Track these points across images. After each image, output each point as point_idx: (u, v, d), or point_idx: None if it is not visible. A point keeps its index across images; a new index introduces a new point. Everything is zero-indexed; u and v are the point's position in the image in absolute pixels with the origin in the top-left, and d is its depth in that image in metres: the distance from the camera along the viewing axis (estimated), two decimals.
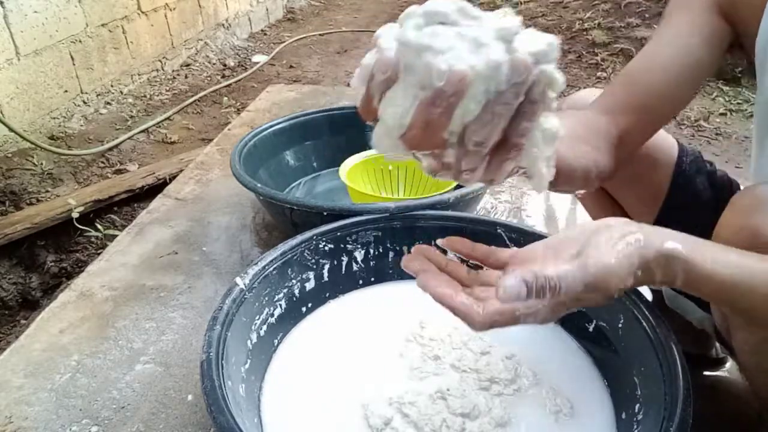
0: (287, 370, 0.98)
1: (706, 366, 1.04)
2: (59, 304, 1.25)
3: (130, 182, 2.14)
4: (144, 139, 2.68)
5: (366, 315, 1.10)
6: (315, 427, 0.87)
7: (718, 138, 2.04)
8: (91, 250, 1.98)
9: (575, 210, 1.56)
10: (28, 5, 2.35)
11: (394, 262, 1.17)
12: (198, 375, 0.85)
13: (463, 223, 1.15)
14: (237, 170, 1.36)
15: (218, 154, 1.93)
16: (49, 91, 2.52)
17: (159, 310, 1.23)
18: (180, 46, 3.47)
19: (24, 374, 1.07)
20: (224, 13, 3.96)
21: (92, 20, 2.73)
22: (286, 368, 0.99)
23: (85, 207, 1.97)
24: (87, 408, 1.00)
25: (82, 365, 1.09)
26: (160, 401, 1.01)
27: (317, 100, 2.36)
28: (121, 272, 1.35)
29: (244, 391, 0.88)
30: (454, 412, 0.84)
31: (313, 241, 1.08)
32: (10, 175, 2.20)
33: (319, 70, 3.62)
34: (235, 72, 3.56)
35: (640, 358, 0.86)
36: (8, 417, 0.98)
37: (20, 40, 2.33)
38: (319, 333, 1.06)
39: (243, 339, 0.93)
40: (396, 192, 1.64)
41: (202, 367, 0.79)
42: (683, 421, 0.69)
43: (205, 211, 1.60)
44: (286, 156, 1.70)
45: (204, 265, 1.37)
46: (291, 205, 1.25)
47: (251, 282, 0.96)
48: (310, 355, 1.01)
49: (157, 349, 1.13)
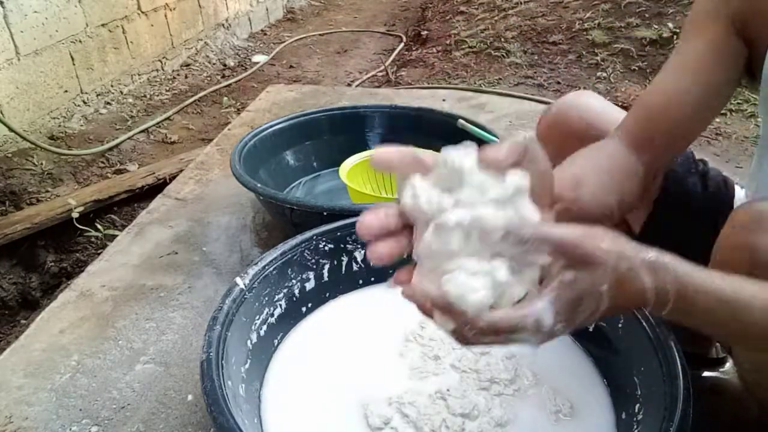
0: (287, 370, 0.98)
1: (706, 366, 1.04)
2: (59, 304, 1.25)
3: (130, 182, 2.14)
4: (144, 139, 2.68)
5: (366, 315, 1.10)
6: (315, 426, 0.87)
7: (718, 138, 2.04)
8: (91, 250, 1.98)
9: None
10: (28, 5, 2.35)
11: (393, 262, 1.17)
12: (198, 375, 0.85)
13: None
14: (237, 170, 1.36)
15: (218, 154, 1.93)
16: (49, 91, 2.52)
17: (159, 310, 1.23)
18: (180, 46, 3.47)
19: (24, 374, 1.07)
20: (224, 13, 3.96)
21: (92, 20, 2.73)
22: (286, 368, 0.99)
23: (85, 207, 1.97)
24: (87, 408, 1.00)
25: (82, 365, 1.09)
26: (160, 401, 1.01)
27: (317, 100, 2.36)
28: (121, 272, 1.35)
29: (244, 391, 0.88)
30: (454, 413, 0.84)
31: (313, 241, 1.08)
32: (10, 175, 2.20)
33: (319, 70, 3.62)
34: (235, 72, 3.56)
35: (640, 358, 0.86)
36: (8, 417, 0.98)
37: (20, 40, 2.33)
38: (319, 333, 1.06)
39: (243, 339, 0.93)
40: (396, 192, 1.64)
41: (202, 367, 0.79)
42: (683, 421, 0.69)
43: (205, 211, 1.60)
44: (286, 156, 1.70)
45: (204, 265, 1.37)
46: (291, 205, 1.25)
47: (251, 282, 0.96)
48: (310, 355, 1.01)
49: (157, 349, 1.13)
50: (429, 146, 1.60)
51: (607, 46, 2.78)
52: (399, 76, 3.04)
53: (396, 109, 1.78)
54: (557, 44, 2.93)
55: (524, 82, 2.62)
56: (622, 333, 0.94)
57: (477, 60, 2.95)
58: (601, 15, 3.00)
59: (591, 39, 2.86)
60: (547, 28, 3.09)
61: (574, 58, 2.79)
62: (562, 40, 2.96)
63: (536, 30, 3.09)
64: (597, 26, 2.94)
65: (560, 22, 3.11)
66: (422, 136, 1.71)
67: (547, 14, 3.24)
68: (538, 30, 3.09)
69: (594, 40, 2.84)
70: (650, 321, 0.86)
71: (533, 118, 2.11)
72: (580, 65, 2.73)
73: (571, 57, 2.81)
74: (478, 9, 3.67)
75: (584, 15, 3.07)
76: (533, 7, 3.37)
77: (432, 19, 4.04)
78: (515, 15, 3.33)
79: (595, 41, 2.84)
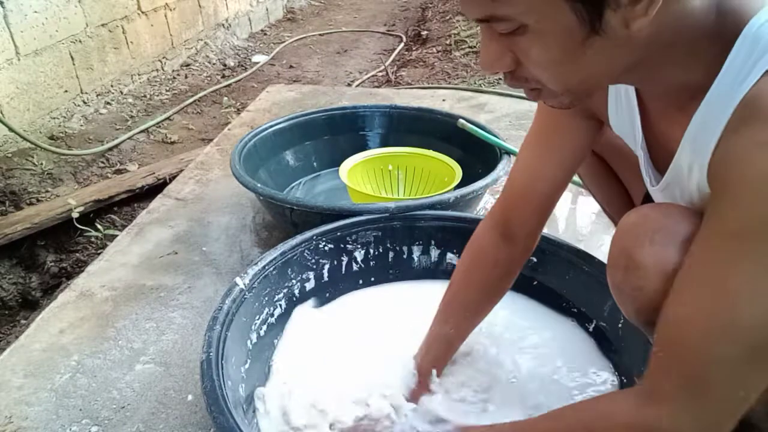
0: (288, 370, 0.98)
1: None
2: (59, 304, 1.25)
3: (130, 182, 2.14)
4: (144, 139, 2.67)
5: (366, 315, 1.10)
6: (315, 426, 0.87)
7: None
8: (91, 250, 1.98)
9: (575, 210, 1.56)
10: (28, 5, 2.35)
11: (394, 262, 1.18)
12: (198, 375, 0.85)
13: (463, 223, 1.15)
14: (237, 170, 1.36)
15: (218, 154, 1.93)
16: (49, 91, 2.52)
17: (159, 310, 1.23)
18: (180, 46, 3.46)
19: (24, 374, 1.07)
20: (224, 13, 3.96)
21: (92, 20, 2.73)
22: (287, 368, 0.99)
23: (85, 207, 1.97)
24: (87, 408, 1.00)
25: (82, 365, 1.09)
26: (160, 401, 1.01)
27: (317, 100, 2.36)
28: (121, 272, 1.35)
29: (244, 391, 0.88)
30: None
31: (313, 241, 1.08)
32: (10, 175, 2.19)
33: (319, 70, 3.62)
34: (235, 72, 3.56)
35: (640, 358, 0.86)
36: (8, 417, 0.98)
37: (20, 40, 2.33)
38: (319, 333, 1.06)
39: (243, 339, 0.93)
40: (396, 192, 1.64)
41: (202, 367, 0.79)
42: None
43: (205, 211, 1.60)
44: (286, 156, 1.70)
45: (204, 265, 1.37)
46: (291, 205, 1.25)
47: (251, 282, 0.96)
48: (310, 355, 1.01)
49: (157, 349, 1.13)
50: (429, 146, 1.62)
51: None
52: (399, 76, 3.04)
53: (396, 109, 1.78)
54: None
55: None
56: (622, 333, 0.94)
57: (477, 60, 2.95)
58: None
59: None
60: None
61: None
62: None
63: None
64: None
65: None
66: (422, 136, 1.72)
67: None
68: None
69: None
70: None
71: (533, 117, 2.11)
72: None
73: None
74: None
75: None
76: None
77: (432, 19, 4.04)
78: None
79: None
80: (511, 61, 0.58)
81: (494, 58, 0.58)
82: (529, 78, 0.59)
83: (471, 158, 1.59)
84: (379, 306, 1.12)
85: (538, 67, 0.56)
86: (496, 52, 0.57)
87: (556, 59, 0.55)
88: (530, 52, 0.55)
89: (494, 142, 1.50)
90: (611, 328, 0.98)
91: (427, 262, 1.18)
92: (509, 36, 0.55)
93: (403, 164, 1.63)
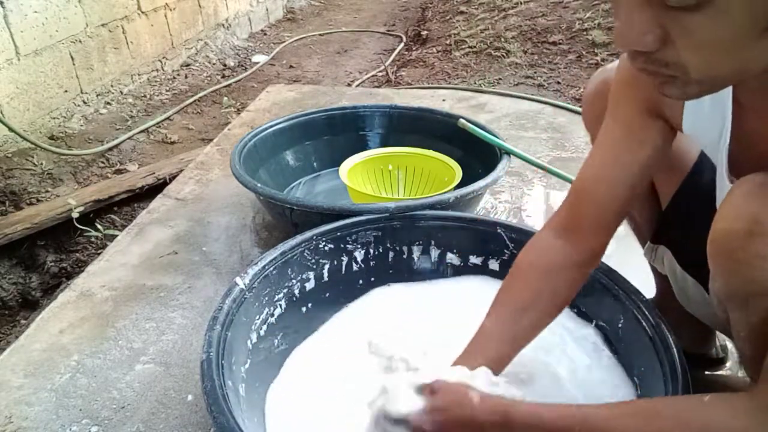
0: (288, 370, 0.98)
1: (706, 366, 1.04)
2: (59, 304, 1.25)
3: (130, 182, 2.14)
4: (144, 139, 2.67)
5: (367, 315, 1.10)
6: (316, 426, 0.87)
7: None
8: (91, 250, 1.98)
9: None
10: (28, 5, 2.35)
11: (394, 262, 1.17)
12: (198, 375, 0.85)
13: (463, 223, 1.15)
14: (237, 170, 1.36)
15: (218, 154, 1.93)
16: (49, 91, 2.52)
17: (159, 310, 1.23)
18: (180, 46, 3.46)
19: (24, 374, 1.07)
20: (224, 13, 3.96)
21: (92, 20, 2.73)
22: (287, 368, 0.99)
23: (85, 207, 1.97)
24: (87, 408, 1.00)
25: (82, 365, 1.09)
26: (160, 401, 1.01)
27: (317, 100, 2.36)
28: (121, 272, 1.35)
29: (244, 391, 0.88)
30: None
31: (313, 241, 1.08)
32: (10, 175, 2.19)
33: (319, 70, 3.62)
34: (235, 72, 3.56)
35: (640, 358, 0.87)
36: (8, 417, 0.98)
37: (20, 40, 2.33)
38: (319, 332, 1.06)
39: (243, 339, 0.93)
40: (396, 192, 1.64)
41: (202, 367, 0.79)
42: None
43: (205, 211, 1.60)
44: (286, 156, 1.70)
45: (204, 265, 1.37)
46: (291, 205, 1.25)
47: (251, 282, 0.96)
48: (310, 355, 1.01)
49: (157, 349, 1.13)
50: (429, 146, 1.62)
51: (607, 46, 2.78)
52: (399, 76, 3.04)
53: (396, 109, 1.78)
54: (557, 44, 2.93)
55: (524, 82, 2.61)
56: (622, 333, 0.94)
57: (477, 60, 2.95)
58: (601, 15, 3.00)
59: (591, 39, 2.86)
60: (547, 28, 3.09)
61: (574, 58, 2.79)
62: (562, 40, 2.95)
63: (536, 30, 3.09)
64: (597, 26, 2.93)
65: (560, 22, 3.10)
66: (422, 136, 1.72)
67: (547, 14, 3.24)
68: (538, 30, 3.09)
69: (594, 40, 2.84)
70: (650, 321, 0.86)
71: (533, 118, 2.11)
72: (580, 65, 2.73)
73: (571, 57, 2.80)
74: (478, 9, 3.67)
75: (584, 15, 3.07)
76: (533, 7, 3.37)
77: (432, 19, 4.04)
78: (515, 15, 3.33)
79: (595, 41, 2.83)
80: (655, 39, 0.48)
81: (640, 32, 0.48)
82: (671, 63, 0.50)
83: (471, 158, 1.59)
84: (380, 306, 1.12)
85: (700, 49, 0.47)
86: (644, 24, 0.47)
87: (724, 44, 0.47)
88: (697, 32, 0.46)
89: (494, 142, 1.50)
90: (611, 328, 0.98)
91: (427, 262, 1.18)
92: (673, 10, 0.46)
93: (403, 164, 1.63)
